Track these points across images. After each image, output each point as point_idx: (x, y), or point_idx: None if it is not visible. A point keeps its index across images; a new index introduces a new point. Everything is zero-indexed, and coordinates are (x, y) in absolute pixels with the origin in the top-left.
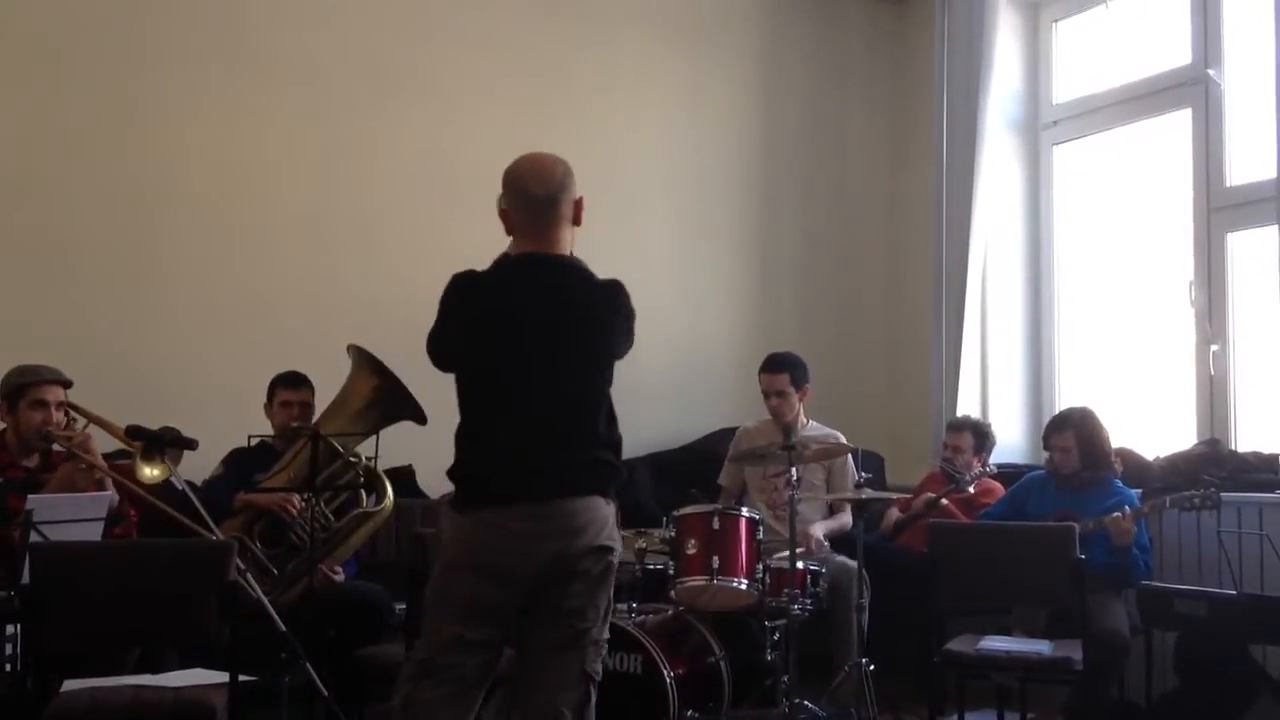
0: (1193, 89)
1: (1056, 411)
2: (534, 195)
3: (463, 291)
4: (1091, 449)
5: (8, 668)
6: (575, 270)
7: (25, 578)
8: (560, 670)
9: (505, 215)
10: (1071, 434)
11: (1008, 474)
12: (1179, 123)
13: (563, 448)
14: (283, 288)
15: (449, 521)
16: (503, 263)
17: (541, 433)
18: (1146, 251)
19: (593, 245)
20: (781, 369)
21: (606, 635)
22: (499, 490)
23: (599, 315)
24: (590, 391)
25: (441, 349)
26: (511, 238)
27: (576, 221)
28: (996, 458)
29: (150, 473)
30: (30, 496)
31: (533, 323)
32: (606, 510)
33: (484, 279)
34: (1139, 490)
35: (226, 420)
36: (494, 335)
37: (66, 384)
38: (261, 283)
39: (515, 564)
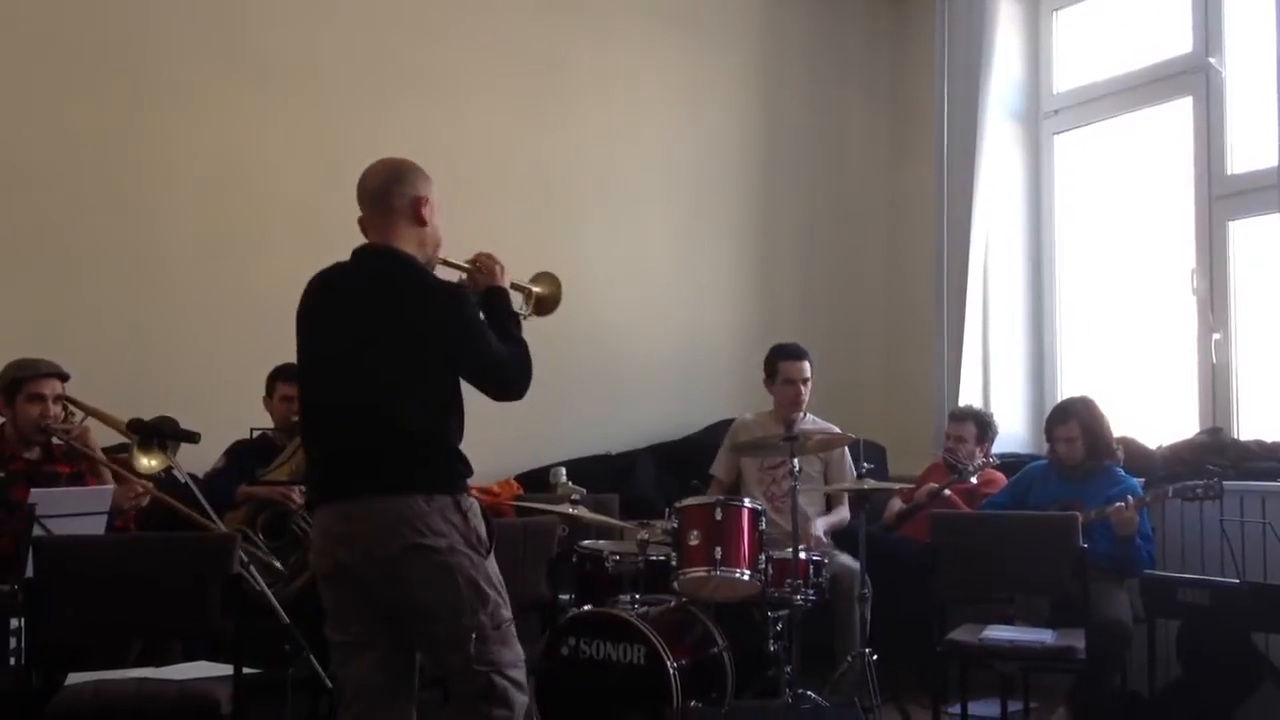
0: (1193, 77)
1: (1058, 401)
2: (366, 188)
3: (305, 290)
4: (1095, 439)
5: (12, 661)
6: (401, 261)
7: (29, 571)
8: (451, 670)
9: (360, 222)
10: (1076, 424)
11: (1010, 464)
12: (1180, 111)
13: (370, 443)
14: (283, 282)
15: None
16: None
17: (345, 427)
18: (1148, 240)
19: (593, 238)
20: (805, 356)
21: (496, 621)
22: (315, 490)
23: (419, 306)
24: (406, 384)
25: None
26: None
27: (418, 220)
28: (998, 448)
29: (148, 463)
30: (33, 491)
31: (336, 311)
32: (425, 507)
33: (321, 275)
34: (1141, 479)
35: (227, 413)
36: (306, 329)
37: (64, 377)
38: (261, 277)
39: (341, 565)
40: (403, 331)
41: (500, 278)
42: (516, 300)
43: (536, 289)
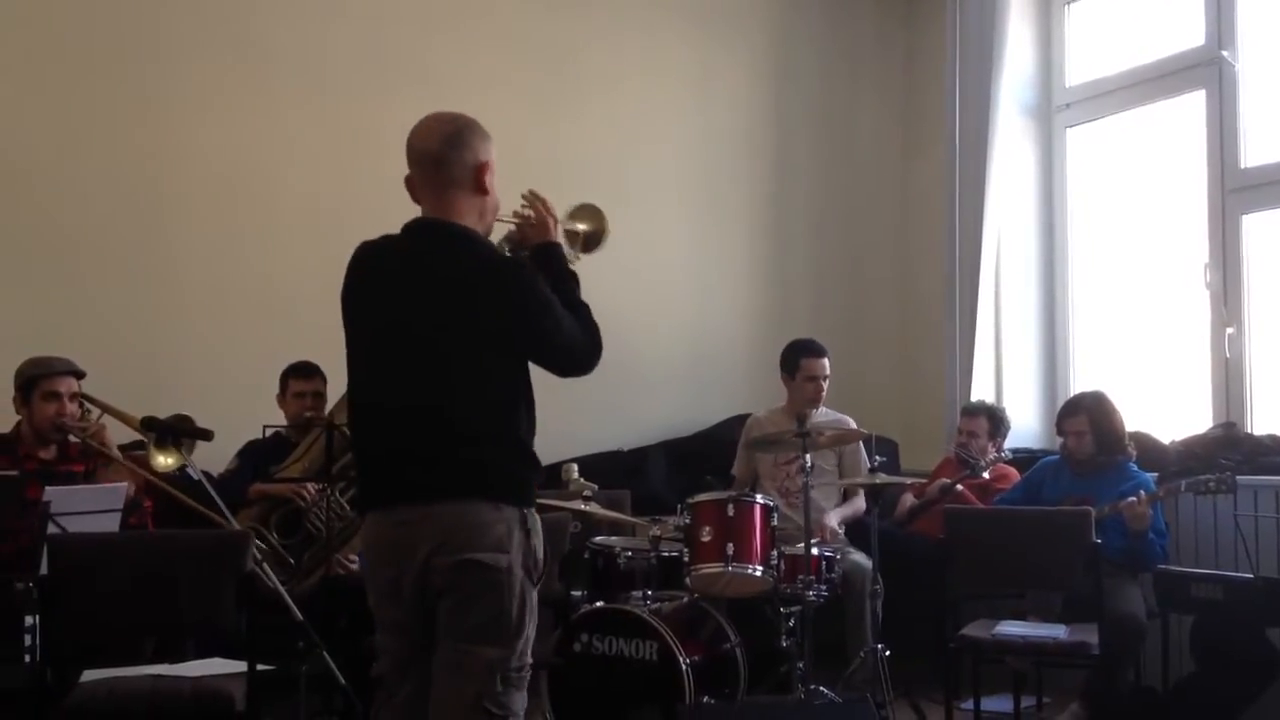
0: (1207, 70)
1: (1071, 396)
2: (418, 149)
3: (350, 265)
4: (1106, 433)
5: (27, 659)
6: (461, 239)
7: (44, 569)
8: (452, 697)
9: (408, 181)
10: (1085, 418)
11: (1022, 459)
12: (1193, 104)
13: (431, 444)
14: (295, 280)
15: None
16: (399, 235)
17: (407, 426)
18: (1161, 234)
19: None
20: (826, 353)
21: (520, 663)
22: (372, 493)
23: (480, 291)
24: (468, 378)
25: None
26: None
27: (479, 189)
28: (1011, 443)
29: (164, 461)
30: (48, 488)
31: (392, 296)
32: (492, 516)
33: (367, 248)
34: (1155, 474)
35: (241, 411)
36: (355, 314)
37: (79, 375)
38: (273, 274)
39: (393, 574)
40: (469, 319)
41: (554, 230)
42: (565, 248)
43: (582, 226)
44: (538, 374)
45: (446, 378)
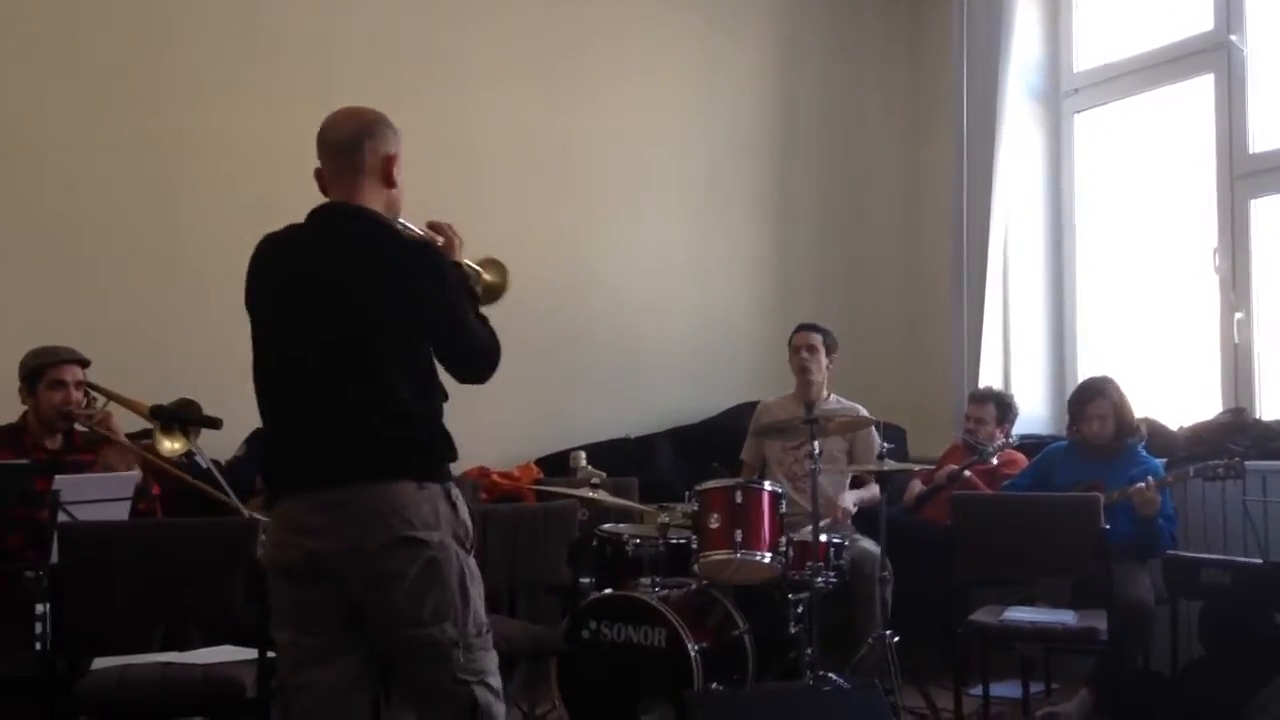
0: (1215, 55)
1: (1079, 382)
2: (331, 140)
3: (253, 256)
4: (1124, 415)
5: (38, 646)
6: (372, 220)
7: (54, 557)
8: (429, 684)
9: (318, 174)
10: (1109, 403)
11: (1030, 445)
12: (1201, 89)
13: (353, 424)
14: None
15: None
16: (303, 223)
17: (323, 408)
18: (1169, 219)
19: (610, 222)
20: (815, 329)
21: (477, 628)
22: (285, 478)
23: (399, 267)
24: (390, 357)
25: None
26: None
27: (387, 181)
28: (1019, 429)
29: (170, 445)
30: (57, 477)
31: (308, 279)
32: (418, 496)
33: (272, 238)
34: (1163, 460)
35: (249, 400)
36: (268, 299)
37: (84, 363)
38: None
39: (311, 561)
40: (387, 301)
41: (457, 252)
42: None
43: (486, 275)
44: (538, 360)
45: (368, 359)
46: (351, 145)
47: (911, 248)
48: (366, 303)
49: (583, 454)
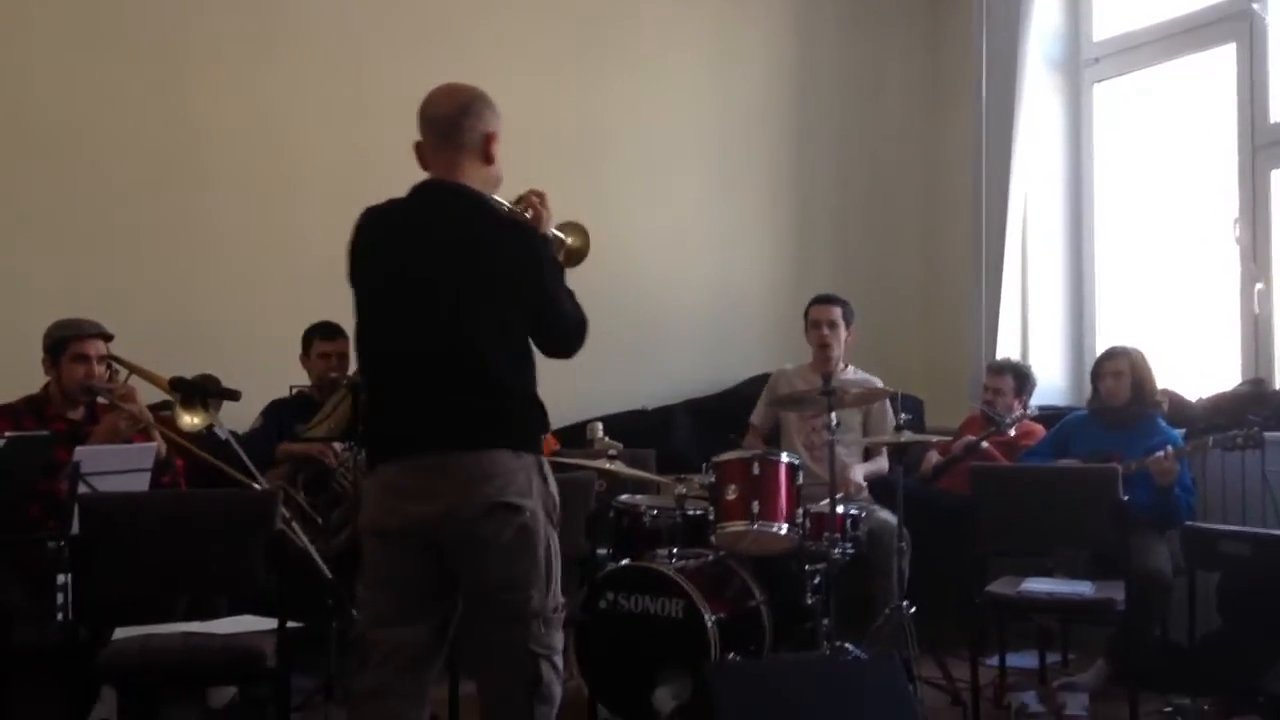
0: (1237, 23)
1: (1098, 353)
2: (433, 115)
3: (356, 228)
4: (1142, 380)
5: (60, 617)
6: (473, 198)
7: (75, 528)
8: (501, 648)
9: (418, 148)
10: (1126, 361)
11: (1048, 416)
12: (1223, 58)
13: (452, 394)
14: (320, 241)
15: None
16: (406, 196)
17: (428, 378)
18: (1189, 190)
19: (629, 194)
20: (834, 302)
21: (556, 603)
22: (388, 445)
23: (498, 246)
24: (488, 330)
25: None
26: None
27: (487, 159)
28: (1037, 400)
29: (191, 420)
30: (78, 448)
31: (409, 253)
32: (514, 464)
33: (376, 211)
34: (1182, 430)
35: (267, 372)
36: (369, 272)
37: (107, 337)
38: (299, 237)
39: (410, 526)
40: (486, 278)
41: (546, 224)
42: None
43: (568, 240)
44: None
45: (470, 330)
46: (452, 122)
47: (930, 218)
48: (467, 279)
49: (600, 425)
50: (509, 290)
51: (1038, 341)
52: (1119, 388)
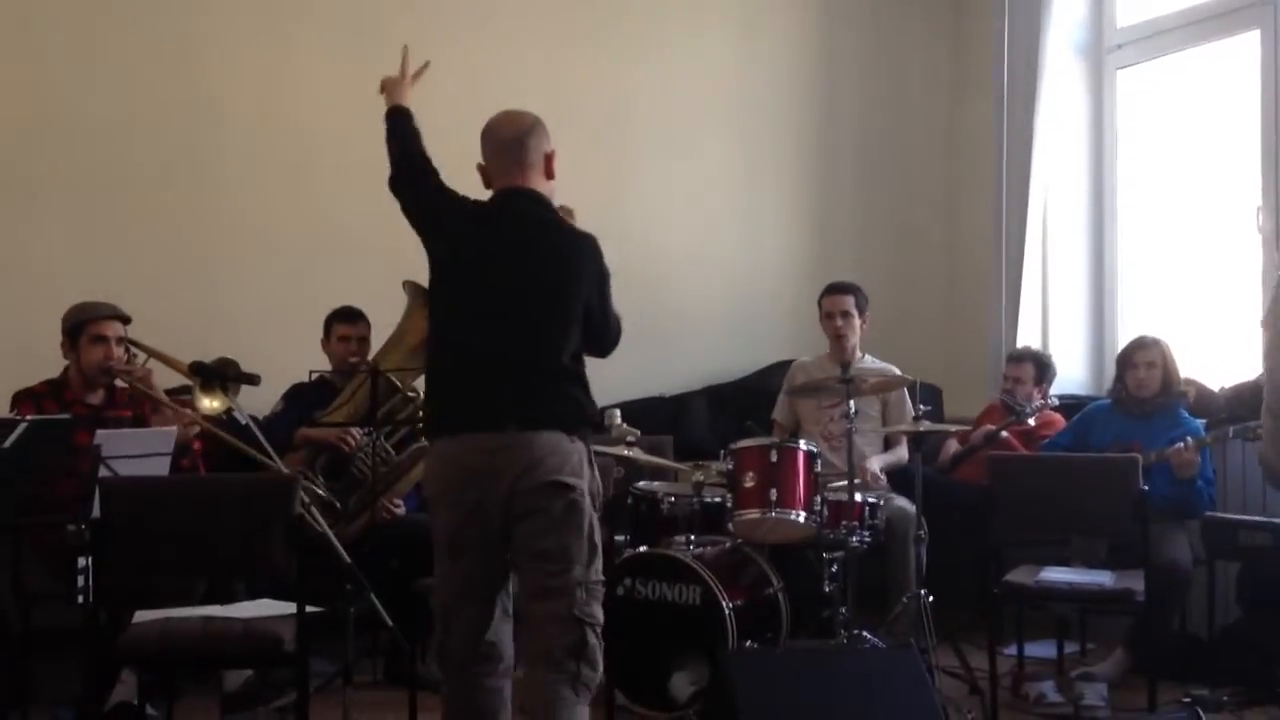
0: (1262, 9)
1: (1119, 342)
2: (502, 137)
3: (446, 214)
4: (1171, 371)
5: (81, 600)
6: (548, 207)
7: (96, 511)
8: (549, 615)
9: (482, 169)
10: (1158, 351)
11: (1068, 406)
12: (1247, 44)
13: (523, 378)
14: (338, 224)
15: (426, 454)
16: (490, 200)
17: (502, 361)
18: (1212, 177)
19: (648, 178)
20: (846, 291)
21: (597, 577)
22: (457, 420)
23: (571, 253)
24: (557, 325)
25: (419, 202)
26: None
27: (549, 174)
28: (1057, 389)
29: (209, 404)
30: (99, 432)
31: (507, 250)
32: (570, 447)
33: (463, 200)
34: (1203, 421)
35: (286, 357)
36: (471, 261)
37: (125, 320)
38: (318, 219)
39: (475, 496)
40: (568, 278)
41: None
42: None
43: None
44: None
45: (549, 325)
46: (519, 144)
47: (952, 205)
48: (551, 281)
49: (617, 412)
50: (581, 294)
51: (1058, 330)
52: (1150, 378)
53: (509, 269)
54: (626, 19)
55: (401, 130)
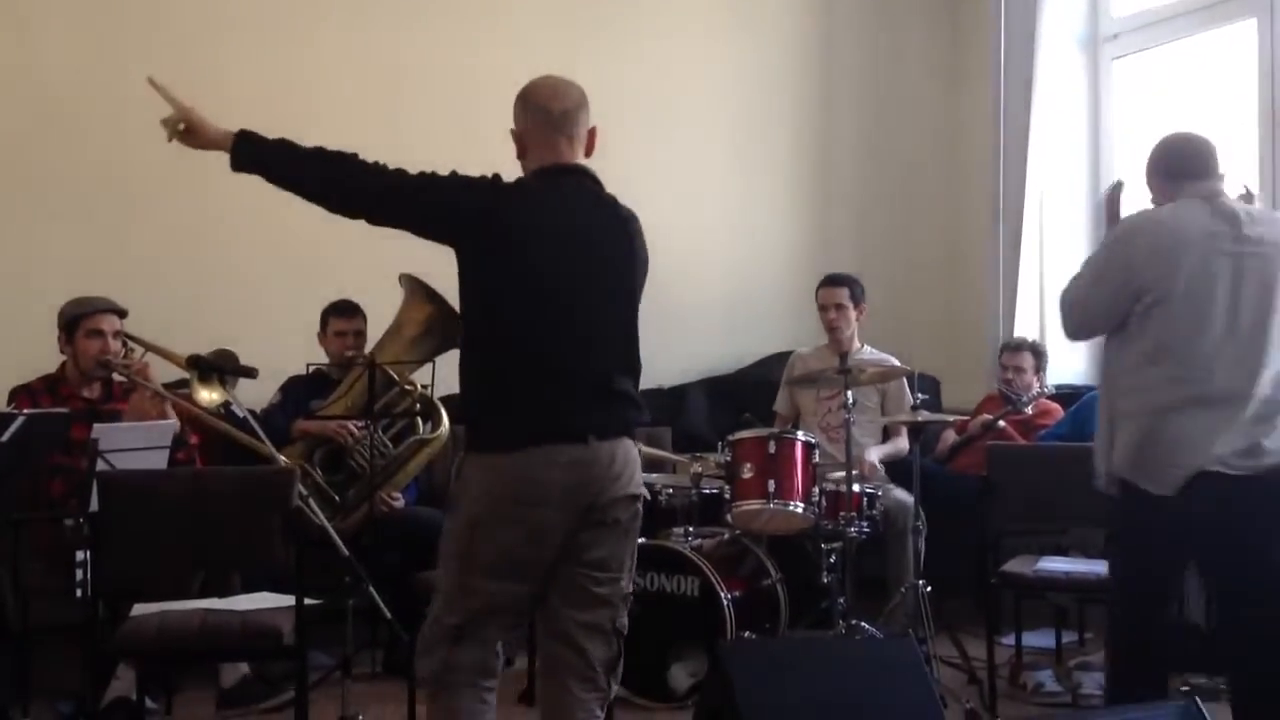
0: None
1: None
2: (553, 110)
3: (491, 201)
4: None
5: (79, 593)
6: (600, 183)
7: (94, 505)
8: (591, 625)
9: (518, 136)
10: None
11: (1066, 395)
12: (1244, 33)
13: (601, 382)
14: (334, 217)
15: (473, 466)
16: (534, 177)
17: (581, 364)
18: None
19: (646, 169)
20: (840, 283)
21: (631, 587)
22: (527, 431)
23: (634, 236)
24: (626, 318)
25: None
26: (522, 161)
27: (590, 150)
28: (1054, 379)
29: (207, 396)
30: (96, 426)
31: (571, 237)
32: (636, 454)
33: (514, 185)
34: None
35: (284, 350)
36: (530, 249)
37: (121, 313)
38: (315, 211)
39: (551, 514)
40: (629, 263)
41: None
42: None
43: None
44: None
45: (626, 321)
46: (571, 117)
47: (949, 196)
48: (618, 267)
49: None
50: (642, 282)
51: (1056, 320)
52: None
53: (578, 259)
54: (621, 12)
55: (281, 154)
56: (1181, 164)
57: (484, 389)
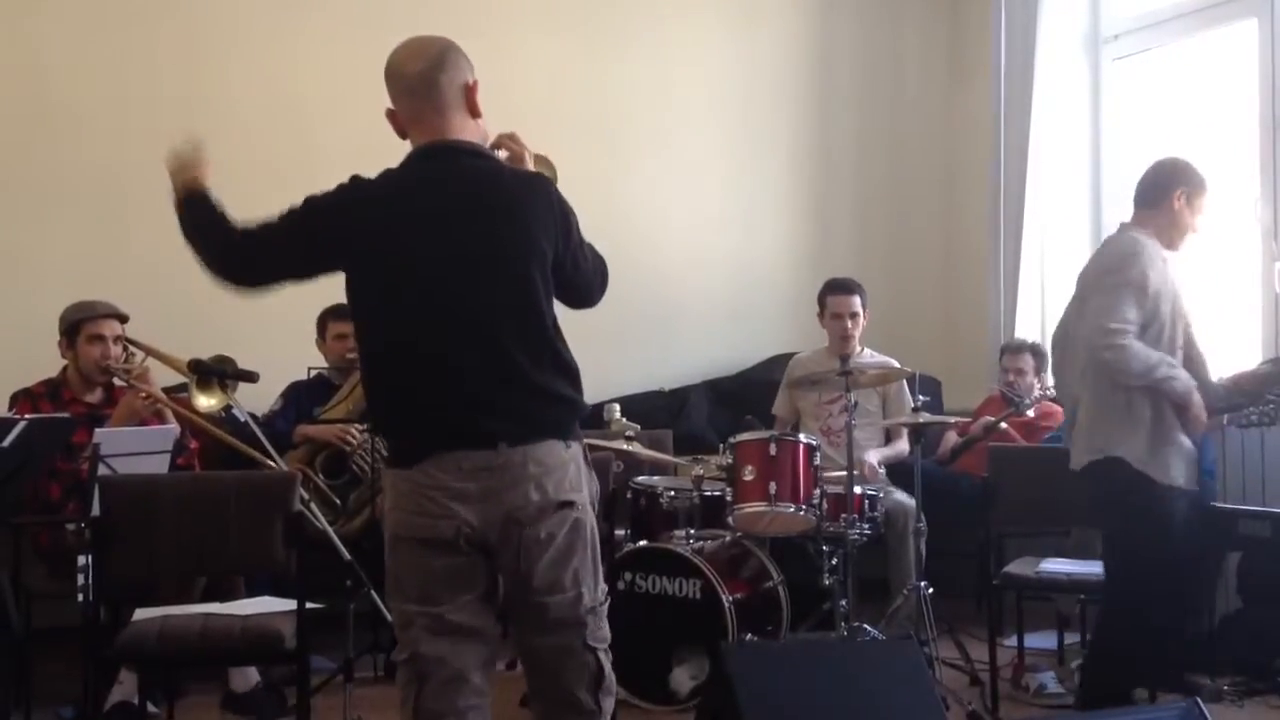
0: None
1: None
2: (408, 74)
3: (350, 203)
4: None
5: (80, 597)
6: (480, 155)
7: (95, 510)
8: (559, 649)
9: (392, 115)
10: None
11: None
12: (1244, 34)
13: (509, 379)
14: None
15: (386, 483)
16: (401, 166)
17: (478, 362)
18: (1210, 167)
19: (646, 171)
20: (854, 290)
21: (602, 596)
22: (427, 440)
23: (524, 206)
24: (524, 303)
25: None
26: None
27: (473, 111)
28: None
29: (206, 401)
30: (98, 430)
31: (437, 224)
32: (565, 455)
33: (363, 183)
34: None
35: (285, 354)
36: (389, 248)
37: (123, 318)
38: None
39: (462, 531)
40: (526, 238)
41: (529, 162)
42: None
43: (546, 175)
44: (570, 312)
45: (525, 304)
46: (428, 80)
47: (949, 198)
48: (506, 247)
49: (617, 407)
50: (546, 252)
51: (1056, 322)
52: None
53: (455, 250)
54: (622, 14)
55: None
56: None
57: (381, 402)
